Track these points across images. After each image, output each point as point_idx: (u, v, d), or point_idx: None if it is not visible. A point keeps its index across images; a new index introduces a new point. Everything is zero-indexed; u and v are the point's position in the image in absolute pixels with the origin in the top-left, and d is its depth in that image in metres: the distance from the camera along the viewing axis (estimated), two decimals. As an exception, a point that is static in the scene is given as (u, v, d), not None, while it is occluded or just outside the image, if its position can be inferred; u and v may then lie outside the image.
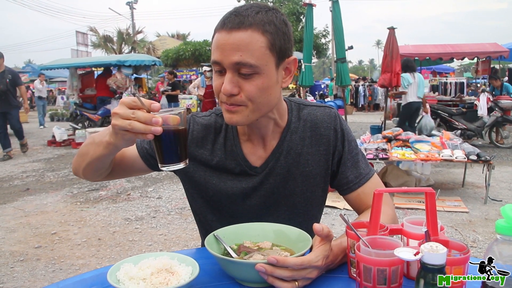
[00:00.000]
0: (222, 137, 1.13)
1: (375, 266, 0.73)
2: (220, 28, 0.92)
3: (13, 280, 2.95)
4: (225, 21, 0.92)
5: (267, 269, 0.77)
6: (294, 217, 1.15)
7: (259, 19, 0.91)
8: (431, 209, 0.81)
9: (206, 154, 1.13)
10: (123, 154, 1.12)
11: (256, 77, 0.93)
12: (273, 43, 0.93)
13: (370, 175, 1.15)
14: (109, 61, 10.64)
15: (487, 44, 9.64)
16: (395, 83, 8.44)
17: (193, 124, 1.13)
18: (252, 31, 0.91)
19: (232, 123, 0.99)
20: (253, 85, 0.93)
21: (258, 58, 0.91)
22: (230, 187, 1.12)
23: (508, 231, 0.64)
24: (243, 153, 1.11)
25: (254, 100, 0.95)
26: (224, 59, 0.91)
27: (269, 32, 0.92)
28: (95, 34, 25.49)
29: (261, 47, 0.92)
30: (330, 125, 1.13)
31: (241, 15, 0.91)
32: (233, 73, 0.93)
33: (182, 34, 31.01)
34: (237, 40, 0.90)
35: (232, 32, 0.90)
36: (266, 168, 1.11)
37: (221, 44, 0.91)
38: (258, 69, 0.92)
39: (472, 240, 3.51)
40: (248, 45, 0.90)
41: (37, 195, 5.26)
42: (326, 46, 20.75)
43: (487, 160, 4.35)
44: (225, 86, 0.93)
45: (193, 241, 3.62)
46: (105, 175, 1.12)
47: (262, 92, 0.95)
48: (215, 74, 0.97)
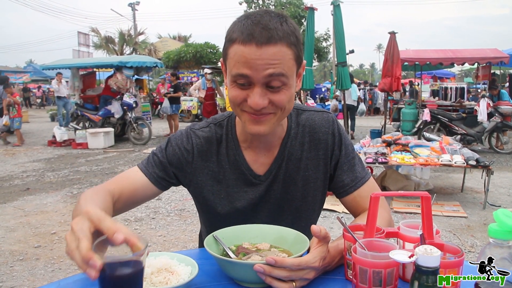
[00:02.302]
0: (224, 147, 1.13)
1: (371, 268, 0.75)
2: (247, 41, 0.90)
3: (13, 279, 2.96)
4: (252, 34, 0.90)
5: (265, 269, 0.78)
6: (297, 221, 1.16)
7: (285, 32, 0.92)
8: (427, 213, 0.83)
9: (213, 167, 1.13)
10: (134, 189, 1.09)
11: (285, 89, 0.95)
12: (298, 54, 0.96)
13: (366, 179, 1.16)
14: (111, 62, 10.68)
15: (487, 49, 9.66)
16: (395, 88, 8.47)
17: (194, 138, 1.13)
18: (281, 45, 0.91)
19: (260, 132, 0.99)
20: (283, 95, 0.95)
21: (288, 70, 0.94)
22: (238, 200, 1.13)
23: (500, 235, 0.65)
24: (246, 162, 1.12)
25: (283, 109, 0.98)
26: (256, 74, 0.91)
27: (294, 44, 0.94)
28: (96, 35, 25.56)
29: (290, 59, 0.94)
30: (328, 130, 1.14)
31: (269, 29, 0.90)
32: (262, 87, 0.93)
33: (184, 36, 31.06)
34: (270, 55, 0.90)
35: (263, 47, 0.90)
36: (270, 176, 1.12)
37: (252, 59, 0.90)
38: (288, 80, 0.94)
39: (470, 245, 3.52)
40: (281, 60, 0.91)
41: (37, 195, 5.28)
42: (327, 49, 20.81)
43: (486, 165, 4.36)
44: (257, 101, 0.93)
45: (192, 242, 3.63)
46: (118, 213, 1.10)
47: (290, 101, 0.98)
48: (235, 85, 0.96)
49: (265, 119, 0.98)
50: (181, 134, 1.15)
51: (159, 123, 14.60)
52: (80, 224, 0.69)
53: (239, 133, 1.13)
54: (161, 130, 12.36)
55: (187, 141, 1.13)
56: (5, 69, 19.46)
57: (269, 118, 0.98)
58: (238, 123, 1.14)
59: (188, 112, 15.19)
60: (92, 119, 9.93)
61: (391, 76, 8.28)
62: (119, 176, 1.13)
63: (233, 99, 0.97)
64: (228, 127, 1.15)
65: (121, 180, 1.10)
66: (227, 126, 1.15)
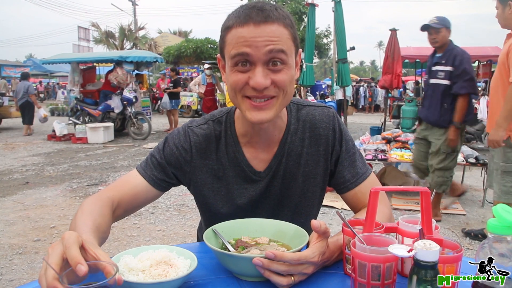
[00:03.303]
0: (223, 144, 1.12)
1: (369, 263, 0.75)
2: (244, 23, 0.91)
3: (12, 272, 2.97)
4: (249, 15, 0.92)
5: (264, 263, 0.78)
6: (297, 217, 1.16)
7: (280, 14, 0.94)
8: (426, 208, 0.83)
9: (212, 164, 1.12)
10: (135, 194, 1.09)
11: (285, 68, 0.95)
12: (294, 36, 0.97)
13: (367, 175, 1.15)
14: (111, 57, 10.65)
15: (488, 47, 9.64)
16: (395, 85, 8.46)
17: (192, 136, 1.12)
18: (278, 25, 0.93)
19: (262, 120, 0.97)
20: (284, 75, 0.95)
21: (287, 48, 0.94)
22: (238, 197, 1.12)
23: (499, 229, 0.65)
24: (245, 158, 1.11)
25: (285, 90, 0.97)
26: (256, 51, 0.91)
27: (290, 26, 0.96)
28: (97, 29, 25.51)
29: (288, 39, 0.95)
30: (329, 125, 1.13)
31: (265, 10, 0.92)
32: (263, 66, 0.93)
33: (184, 31, 30.97)
34: (269, 33, 0.91)
35: (261, 25, 0.91)
36: (270, 172, 1.12)
37: (251, 37, 0.90)
38: (288, 59, 0.95)
39: (468, 242, 3.53)
40: (279, 36, 0.93)
41: (37, 189, 5.28)
42: (327, 46, 20.77)
43: (485, 163, 4.36)
44: (259, 81, 0.92)
45: (191, 237, 3.64)
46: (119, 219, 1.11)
47: (291, 82, 0.97)
48: (234, 69, 0.95)
49: (266, 105, 0.96)
50: (178, 133, 1.14)
51: (159, 118, 14.59)
52: (54, 249, 0.69)
53: (238, 129, 1.12)
54: (161, 126, 12.35)
55: (185, 140, 1.12)
56: (5, 63, 19.41)
57: (271, 103, 0.97)
58: (237, 118, 1.13)
59: (188, 108, 15.17)
60: (92, 114, 9.92)
61: (392, 73, 8.26)
62: (119, 181, 1.13)
63: (234, 84, 0.96)
64: (227, 123, 1.13)
65: (121, 185, 1.10)
66: (226, 122, 1.14)
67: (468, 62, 3.60)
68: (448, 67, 3.60)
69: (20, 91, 10.32)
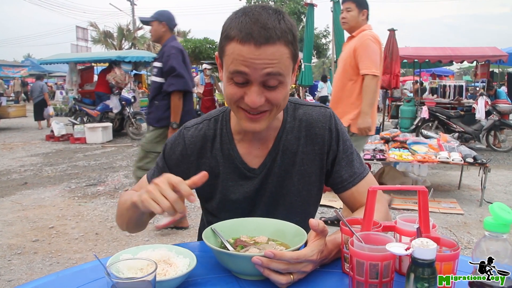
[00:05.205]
0: (218, 142, 1.14)
1: (367, 261, 0.75)
2: (245, 41, 0.91)
3: (10, 272, 2.96)
4: (251, 34, 0.90)
5: (264, 261, 0.79)
6: (292, 216, 1.15)
7: (282, 30, 0.93)
8: (424, 207, 0.84)
9: (208, 162, 1.14)
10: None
11: (280, 87, 0.97)
12: (294, 53, 0.98)
13: (364, 174, 1.16)
14: (109, 57, 10.65)
15: (486, 48, 9.67)
16: (394, 85, 8.48)
17: (188, 137, 1.14)
18: (279, 45, 0.93)
19: (255, 130, 1.02)
20: (279, 93, 0.97)
21: (285, 69, 0.96)
22: (233, 193, 1.13)
23: (496, 227, 0.66)
24: (239, 155, 1.13)
25: (279, 106, 1.00)
26: (254, 73, 0.93)
27: (291, 43, 0.95)
28: (95, 29, 25.45)
29: (287, 58, 0.95)
30: (325, 125, 1.14)
31: (268, 28, 0.91)
32: (259, 85, 0.95)
33: (183, 31, 30.91)
34: (268, 55, 0.91)
35: (262, 47, 0.90)
36: (265, 169, 1.13)
37: (250, 58, 0.91)
38: (284, 79, 0.96)
39: (466, 241, 3.54)
40: (279, 59, 0.93)
41: (35, 189, 5.27)
42: (326, 46, 20.81)
43: (483, 163, 4.38)
44: (254, 100, 0.95)
45: (190, 237, 3.64)
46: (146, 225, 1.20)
47: (285, 98, 1.01)
48: (232, 82, 0.97)
49: (259, 118, 1.00)
50: (175, 135, 1.18)
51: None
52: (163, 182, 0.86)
53: (233, 126, 1.14)
54: (159, 126, 12.32)
55: (181, 142, 1.15)
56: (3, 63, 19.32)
57: (264, 116, 1.01)
58: (233, 116, 1.15)
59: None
60: (90, 114, 9.91)
61: (390, 73, 8.29)
62: (136, 186, 1.20)
63: (230, 96, 0.99)
64: (222, 121, 1.16)
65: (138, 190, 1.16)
66: (221, 120, 1.16)
67: (176, 58, 3.39)
68: (160, 63, 3.48)
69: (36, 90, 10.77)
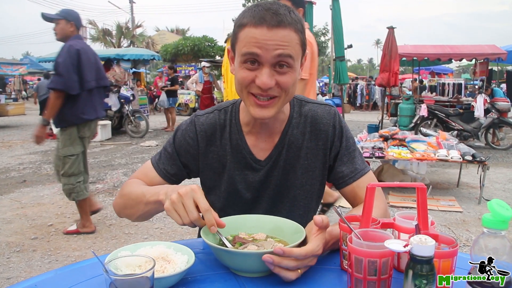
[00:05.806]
0: (227, 132, 1.18)
1: (366, 258, 0.75)
2: (258, 24, 0.96)
3: (9, 270, 2.96)
4: (264, 17, 0.96)
5: (275, 259, 0.80)
6: (295, 209, 1.19)
7: (293, 19, 0.98)
8: (422, 204, 0.84)
9: (217, 151, 1.18)
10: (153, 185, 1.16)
11: (290, 71, 1.01)
12: (303, 41, 1.03)
13: (365, 171, 1.19)
14: (108, 55, 10.62)
15: (485, 46, 9.66)
16: (393, 83, 8.48)
17: (198, 124, 1.19)
18: (290, 30, 0.98)
19: (264, 117, 1.04)
20: (289, 77, 1.01)
21: (295, 53, 1.00)
22: (239, 182, 1.17)
23: (494, 224, 0.66)
24: (248, 146, 1.17)
25: (287, 91, 1.03)
26: (266, 54, 0.97)
27: (300, 31, 1.01)
28: (94, 27, 25.42)
29: (297, 44, 1.00)
30: (329, 122, 1.18)
31: (279, 14, 0.96)
32: (270, 67, 0.99)
33: (182, 29, 30.95)
34: (280, 37, 0.96)
35: (273, 29, 0.96)
36: (270, 161, 1.16)
37: (263, 40, 0.96)
38: (294, 63, 1.00)
39: (465, 239, 3.55)
40: (289, 42, 0.98)
41: (34, 187, 5.27)
42: (325, 44, 20.81)
43: (482, 160, 4.38)
44: (264, 81, 0.98)
45: (189, 235, 3.64)
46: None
47: (294, 84, 1.04)
48: (243, 66, 1.00)
49: (269, 104, 1.03)
50: (186, 122, 1.22)
51: (156, 116, 14.57)
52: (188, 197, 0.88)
53: (242, 118, 1.18)
54: (158, 124, 12.32)
55: (192, 128, 1.19)
56: (1, 60, 19.29)
57: (273, 102, 1.03)
58: (242, 108, 1.19)
59: (185, 106, 15.15)
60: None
61: (389, 71, 8.29)
62: (139, 173, 1.22)
63: (241, 80, 1.02)
64: (232, 112, 1.20)
65: (142, 177, 1.20)
66: (231, 111, 1.20)
67: (64, 57, 3.34)
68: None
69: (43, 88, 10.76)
